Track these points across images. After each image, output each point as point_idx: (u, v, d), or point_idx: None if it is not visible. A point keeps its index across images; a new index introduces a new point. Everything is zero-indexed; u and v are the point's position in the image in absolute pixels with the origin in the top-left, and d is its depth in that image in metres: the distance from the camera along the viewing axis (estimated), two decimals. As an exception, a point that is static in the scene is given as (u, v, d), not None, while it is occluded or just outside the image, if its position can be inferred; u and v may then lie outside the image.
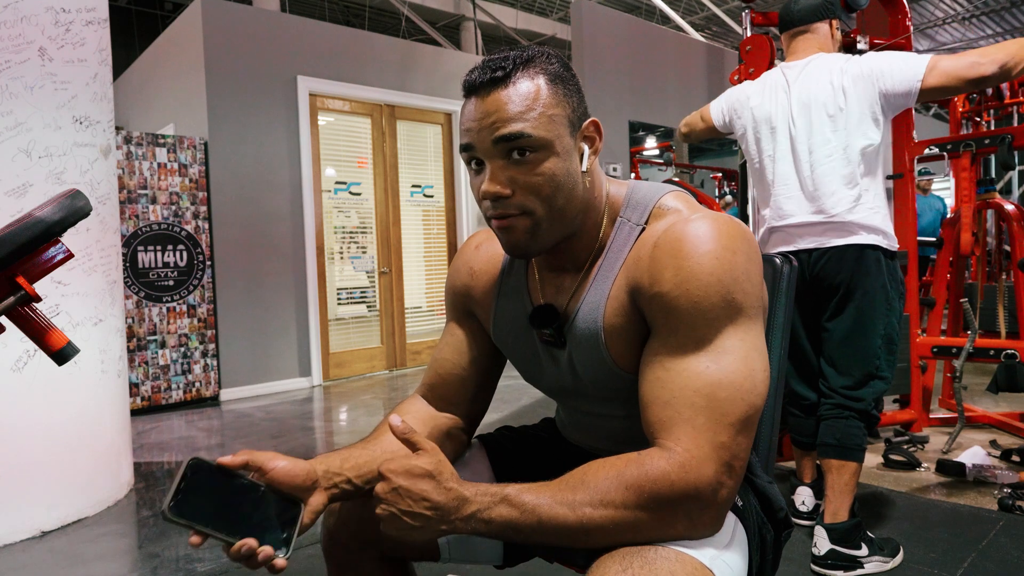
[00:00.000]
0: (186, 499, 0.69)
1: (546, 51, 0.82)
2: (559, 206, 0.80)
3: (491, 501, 0.70)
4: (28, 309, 0.79)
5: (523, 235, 0.80)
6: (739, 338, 0.74)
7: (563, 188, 0.79)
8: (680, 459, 0.69)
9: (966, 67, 1.69)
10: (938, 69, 1.71)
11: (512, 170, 0.78)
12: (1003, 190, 5.30)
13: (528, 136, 0.76)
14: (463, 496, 0.71)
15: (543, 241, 0.82)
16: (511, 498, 0.70)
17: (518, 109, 0.76)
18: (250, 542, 0.71)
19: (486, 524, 0.70)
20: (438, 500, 0.70)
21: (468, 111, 0.79)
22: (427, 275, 5.56)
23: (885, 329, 1.85)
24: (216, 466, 0.73)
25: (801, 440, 2.06)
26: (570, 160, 0.80)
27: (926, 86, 1.73)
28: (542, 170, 0.78)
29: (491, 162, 0.79)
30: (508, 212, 0.79)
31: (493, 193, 0.78)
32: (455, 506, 0.70)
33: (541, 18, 10.91)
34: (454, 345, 1.00)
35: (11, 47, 2.13)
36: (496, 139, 0.77)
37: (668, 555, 0.69)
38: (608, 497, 0.69)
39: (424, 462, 0.71)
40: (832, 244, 1.85)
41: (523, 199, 0.79)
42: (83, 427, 2.34)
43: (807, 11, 1.96)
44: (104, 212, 2.46)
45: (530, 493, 0.71)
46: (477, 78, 0.79)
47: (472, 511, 0.70)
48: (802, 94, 1.89)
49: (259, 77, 4.50)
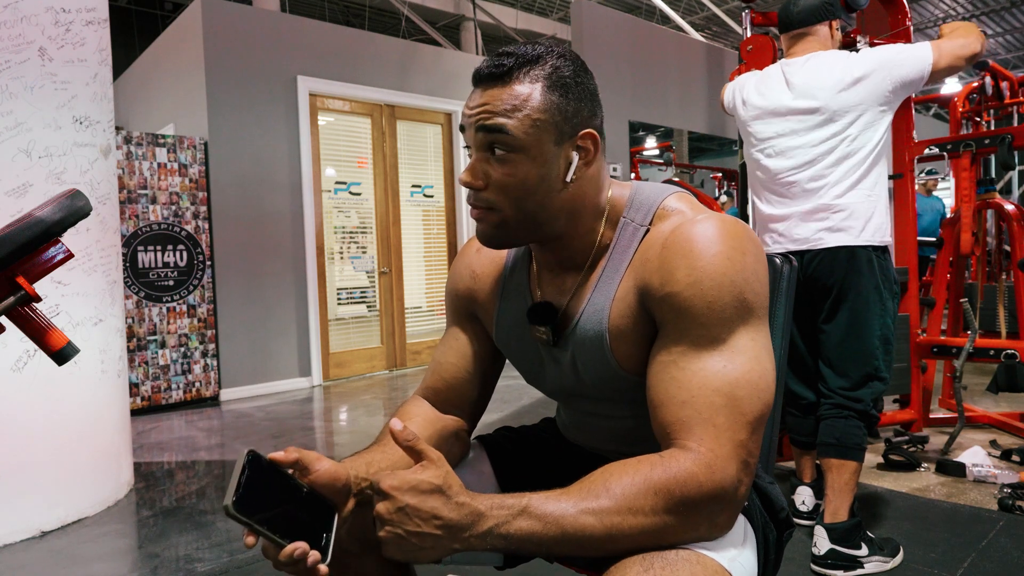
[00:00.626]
0: (247, 494, 0.65)
1: (562, 51, 0.81)
2: (528, 210, 0.81)
3: (509, 514, 0.66)
4: (28, 309, 0.78)
5: (490, 228, 0.83)
6: (750, 337, 0.75)
7: (535, 194, 0.80)
8: (706, 459, 0.69)
9: (960, 47, 1.83)
10: (943, 51, 1.83)
11: (489, 165, 0.80)
12: (1003, 190, 5.30)
13: (507, 134, 0.77)
14: (478, 511, 0.66)
15: (511, 237, 0.84)
16: (532, 509, 0.66)
17: (505, 107, 0.78)
18: (303, 545, 0.66)
19: (504, 539, 0.66)
20: (450, 517, 0.65)
21: (469, 99, 0.82)
22: (427, 275, 5.56)
23: (881, 330, 1.86)
24: (268, 461, 0.69)
25: (800, 440, 2.06)
26: (548, 168, 0.80)
27: (937, 68, 1.82)
28: (515, 172, 0.79)
29: (475, 152, 0.81)
30: (478, 204, 0.82)
31: (465, 182, 0.81)
32: (469, 522, 0.66)
33: (541, 18, 10.91)
34: (457, 348, 1.00)
35: (11, 47, 2.13)
36: (479, 127, 0.79)
37: (689, 557, 0.68)
38: (637, 503, 0.67)
39: (431, 475, 0.66)
40: (824, 245, 1.86)
41: (492, 195, 0.80)
42: (83, 427, 2.34)
43: (806, 13, 1.96)
44: (104, 212, 2.46)
45: (551, 502, 0.67)
46: (482, 68, 0.81)
47: (488, 527, 0.66)
48: (801, 89, 1.89)
49: (259, 77, 4.50)
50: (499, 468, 1.02)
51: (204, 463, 3.05)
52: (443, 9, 9.37)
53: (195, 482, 2.80)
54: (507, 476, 1.01)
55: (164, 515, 2.38)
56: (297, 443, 3.29)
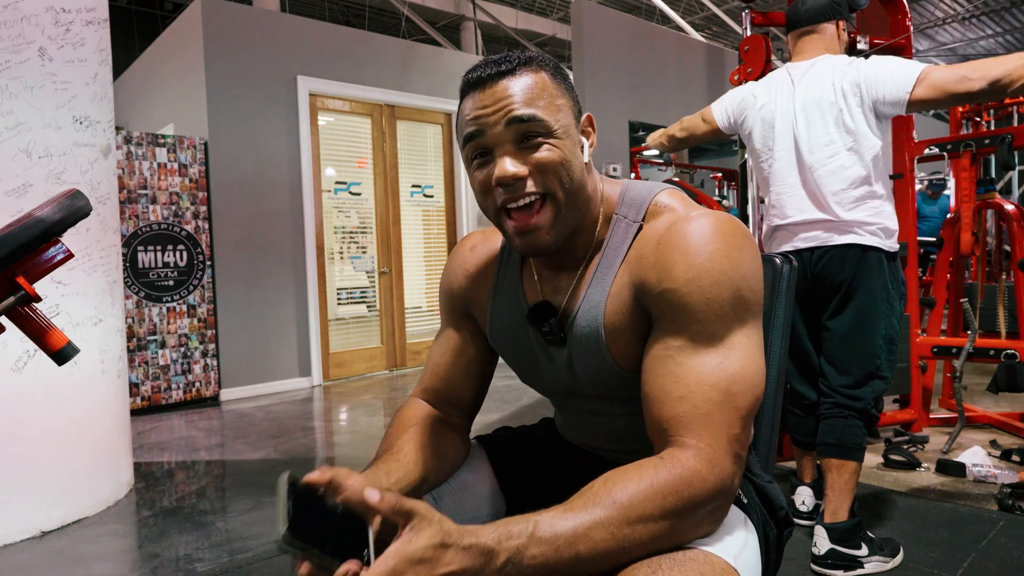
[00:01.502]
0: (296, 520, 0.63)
1: (541, 54, 0.84)
2: (574, 189, 0.80)
3: (520, 544, 0.63)
4: (28, 309, 0.78)
5: (546, 224, 0.79)
6: (745, 334, 0.75)
7: (575, 171, 0.80)
8: (707, 455, 0.69)
9: (955, 81, 1.67)
10: (927, 82, 1.71)
11: (524, 155, 0.78)
12: (1003, 190, 5.30)
13: (540, 120, 0.77)
14: (487, 547, 0.62)
15: (566, 228, 0.81)
16: (541, 533, 0.64)
17: (528, 96, 0.77)
18: (353, 567, 0.63)
19: (519, 572, 0.63)
20: (463, 566, 0.61)
21: (472, 102, 0.79)
22: (427, 275, 5.56)
23: (886, 329, 1.86)
24: (304, 484, 0.67)
25: (801, 439, 2.06)
26: (576, 149, 0.81)
27: (914, 99, 1.73)
28: (555, 152, 0.78)
29: (501, 148, 0.78)
30: (526, 197, 0.78)
31: (510, 175, 0.77)
32: (483, 563, 0.62)
33: (541, 18, 10.91)
34: (454, 348, 1.00)
35: (11, 47, 2.13)
36: (509, 120, 0.76)
37: (696, 556, 0.68)
38: (646, 510, 0.66)
39: (428, 537, 0.61)
40: (834, 243, 1.85)
41: (542, 180, 0.78)
42: (83, 427, 2.34)
43: (814, 11, 1.97)
44: (104, 212, 2.46)
45: (559, 522, 0.64)
46: (482, 72, 0.79)
47: (502, 562, 0.62)
48: (806, 94, 1.89)
49: (259, 77, 4.50)
50: (499, 468, 1.01)
51: (204, 463, 3.05)
52: (443, 9, 9.38)
53: (195, 482, 2.80)
54: (506, 476, 1.01)
55: (164, 515, 2.38)
56: (297, 443, 3.29)
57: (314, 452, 3.18)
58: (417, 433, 0.90)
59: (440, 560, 0.60)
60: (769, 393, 0.93)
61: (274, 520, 0.63)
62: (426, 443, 0.89)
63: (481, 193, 0.82)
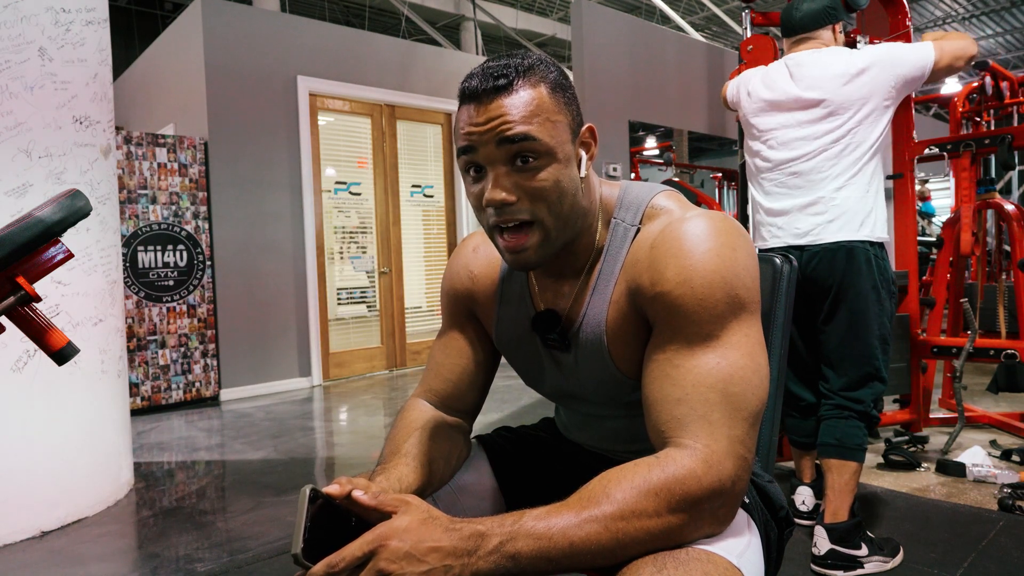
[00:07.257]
0: (312, 537, 0.63)
1: (544, 59, 0.81)
2: (564, 213, 0.79)
3: (513, 531, 0.64)
4: (28, 309, 0.78)
5: (533, 249, 0.79)
6: (743, 333, 0.75)
7: (567, 195, 0.78)
8: (703, 455, 0.69)
9: (961, 48, 1.85)
10: (944, 51, 1.84)
11: (516, 176, 0.76)
12: (1003, 190, 5.30)
13: (534, 139, 0.75)
14: (477, 531, 0.63)
15: (552, 251, 0.81)
16: (535, 524, 0.64)
17: (523, 114, 0.75)
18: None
19: (513, 560, 0.63)
20: (452, 543, 0.62)
21: (467, 115, 0.77)
22: (427, 275, 5.56)
23: (880, 329, 1.87)
24: (324, 496, 0.67)
25: (800, 440, 2.06)
26: (571, 167, 0.79)
27: (938, 66, 1.84)
28: (547, 176, 0.76)
29: (493, 168, 0.77)
30: (513, 222, 0.78)
31: (499, 200, 0.76)
32: (473, 545, 0.62)
33: (541, 18, 10.90)
34: (457, 348, 0.99)
35: (11, 47, 2.13)
36: (500, 140, 0.75)
37: (699, 556, 0.68)
38: (640, 506, 0.66)
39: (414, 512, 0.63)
40: (821, 242, 1.86)
41: (530, 206, 0.77)
42: (83, 427, 2.34)
43: (809, 19, 1.97)
44: (104, 212, 2.46)
45: (552, 515, 0.65)
46: (479, 85, 0.76)
47: (494, 544, 0.63)
48: (806, 81, 1.90)
49: (259, 77, 4.50)
50: (498, 468, 1.02)
51: (204, 463, 3.05)
52: (443, 9, 9.37)
53: (195, 482, 2.80)
54: (506, 476, 1.01)
55: (164, 515, 2.38)
56: (297, 443, 3.29)
57: (314, 452, 3.18)
58: (423, 436, 0.90)
59: (427, 535, 0.62)
60: (769, 393, 0.93)
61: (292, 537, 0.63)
62: (432, 446, 0.89)
63: (476, 207, 0.81)
